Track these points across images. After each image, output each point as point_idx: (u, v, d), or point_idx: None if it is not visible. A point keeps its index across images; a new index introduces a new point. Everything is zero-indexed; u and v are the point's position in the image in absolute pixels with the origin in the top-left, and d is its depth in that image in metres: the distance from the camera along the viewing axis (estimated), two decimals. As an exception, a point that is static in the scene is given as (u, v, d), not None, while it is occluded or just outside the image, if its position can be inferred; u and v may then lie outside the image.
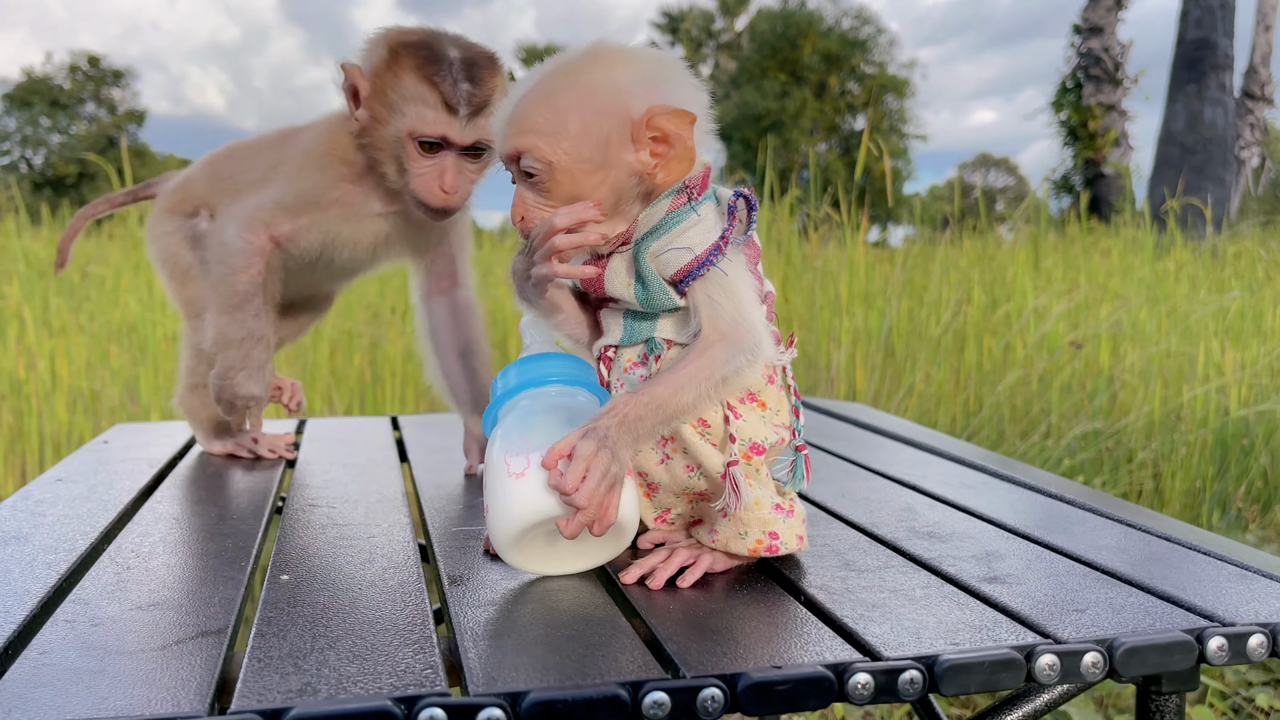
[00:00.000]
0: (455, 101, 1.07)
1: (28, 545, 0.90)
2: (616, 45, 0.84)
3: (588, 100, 0.81)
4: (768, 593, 0.81)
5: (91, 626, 0.71)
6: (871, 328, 3.79)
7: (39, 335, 3.64)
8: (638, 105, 0.81)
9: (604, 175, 0.82)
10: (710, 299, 0.81)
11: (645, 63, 0.84)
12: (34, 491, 1.09)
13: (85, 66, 34.33)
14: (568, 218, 0.82)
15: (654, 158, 0.82)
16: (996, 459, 1.34)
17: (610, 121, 0.81)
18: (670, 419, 0.80)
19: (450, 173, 1.10)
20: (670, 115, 0.80)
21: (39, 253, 4.89)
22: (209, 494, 1.11)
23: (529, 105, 0.82)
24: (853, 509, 1.07)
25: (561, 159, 0.81)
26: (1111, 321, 3.82)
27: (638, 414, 0.78)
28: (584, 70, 0.82)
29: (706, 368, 0.79)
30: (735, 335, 0.80)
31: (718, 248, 0.81)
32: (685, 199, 0.83)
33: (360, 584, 0.81)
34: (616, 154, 0.82)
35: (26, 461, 3.21)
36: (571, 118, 0.81)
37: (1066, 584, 0.82)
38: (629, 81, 0.82)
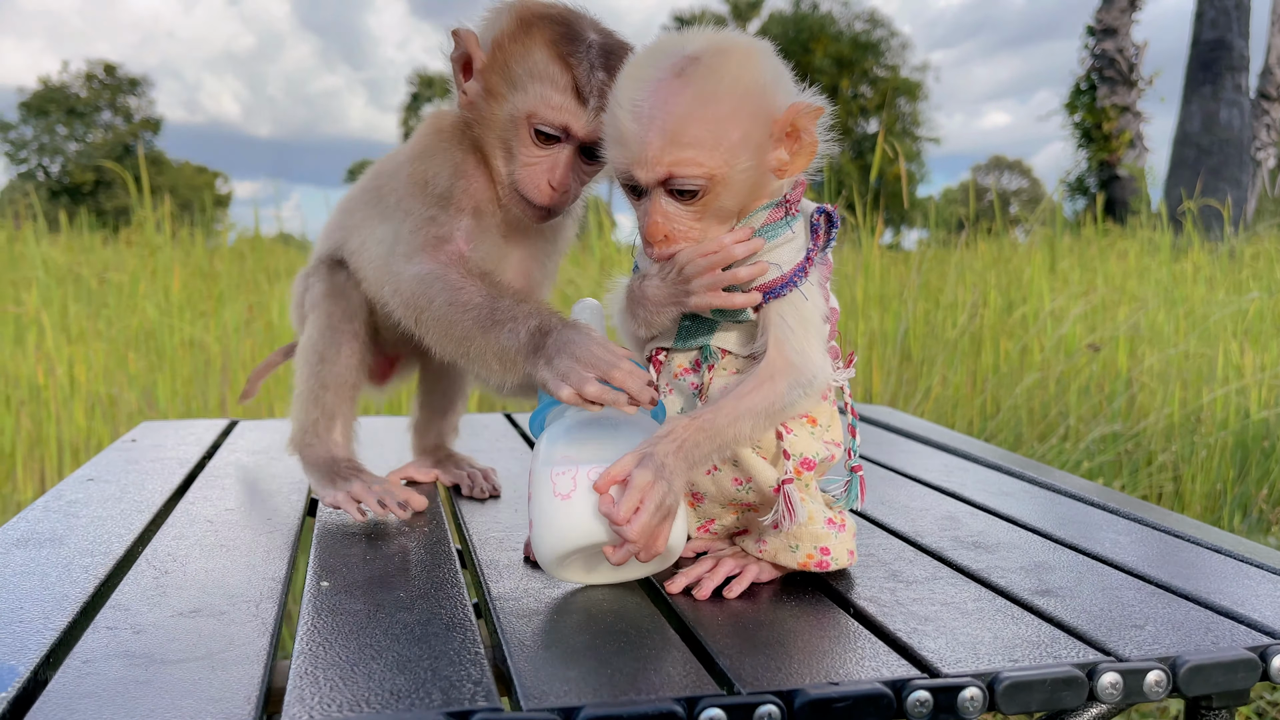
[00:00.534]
0: (587, 90, 0.93)
1: (63, 548, 0.89)
2: (734, 37, 0.79)
3: (743, 105, 0.76)
4: (816, 604, 0.79)
5: (133, 634, 0.70)
6: (888, 330, 3.77)
7: (58, 341, 3.65)
8: (781, 103, 0.78)
9: (752, 179, 0.79)
10: (783, 321, 0.79)
11: (770, 56, 0.80)
12: (66, 491, 1.09)
13: (102, 75, 34.52)
14: (744, 248, 0.78)
15: (789, 153, 0.79)
16: (1032, 465, 1.32)
17: (761, 124, 0.77)
18: (726, 447, 0.78)
19: (562, 169, 0.97)
20: (809, 112, 0.78)
21: (57, 260, 4.91)
22: (241, 495, 1.11)
23: (681, 116, 0.75)
24: (895, 517, 1.05)
25: (723, 170, 0.76)
26: (1129, 324, 3.79)
27: (695, 440, 0.76)
28: (727, 70, 0.76)
29: (767, 400, 0.77)
30: (798, 367, 0.78)
31: (802, 269, 0.79)
32: (783, 213, 0.81)
33: (400, 590, 0.80)
34: (764, 156, 0.78)
35: (45, 467, 3.21)
36: (731, 126, 0.76)
37: (1121, 598, 0.81)
38: (770, 79, 0.78)
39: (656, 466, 0.74)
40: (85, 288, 4.55)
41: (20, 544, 0.89)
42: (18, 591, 0.77)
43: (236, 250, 6.08)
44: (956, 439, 1.50)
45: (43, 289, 4.18)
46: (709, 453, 0.77)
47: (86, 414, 3.35)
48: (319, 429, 1.07)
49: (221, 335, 3.86)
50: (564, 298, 4.09)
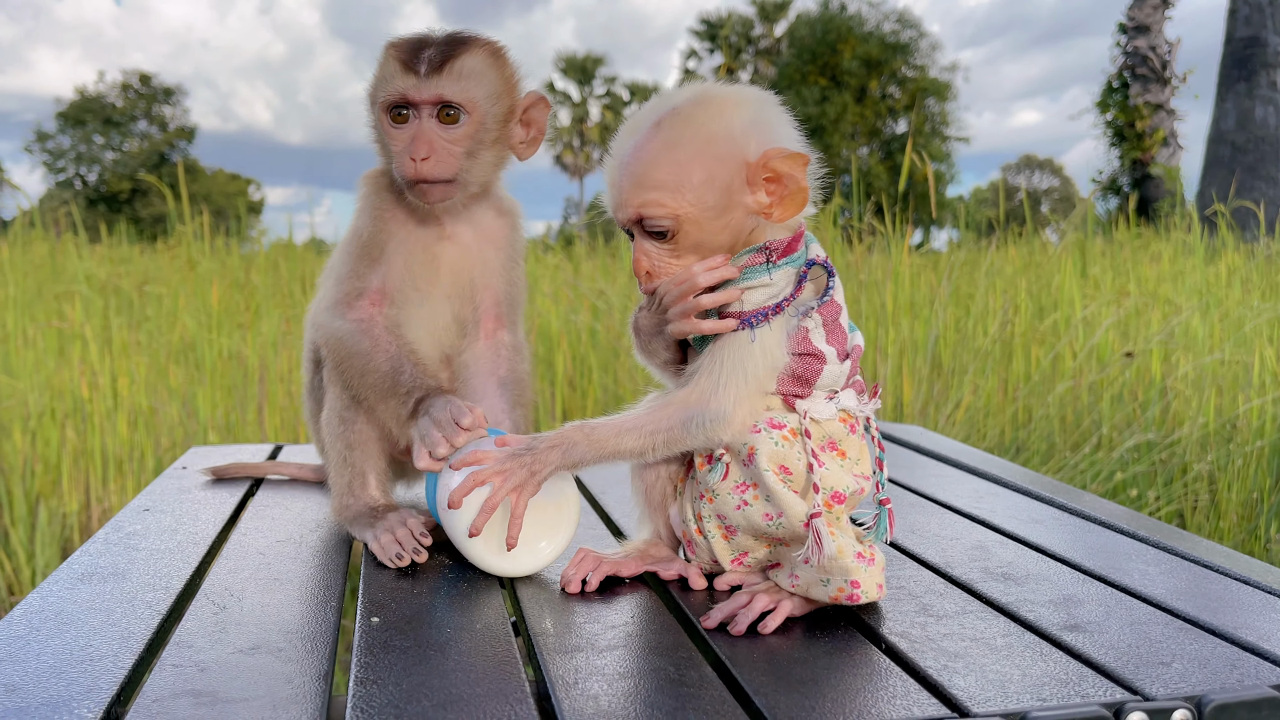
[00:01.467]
0: (414, 61, 1.05)
1: (126, 582, 0.93)
2: (722, 89, 0.86)
3: (707, 149, 0.83)
4: (848, 640, 0.82)
5: (198, 672, 0.74)
6: (918, 338, 3.77)
7: (101, 355, 3.73)
8: (753, 148, 0.83)
9: (727, 219, 0.85)
10: (715, 355, 0.84)
11: (753, 105, 0.86)
12: (124, 523, 1.13)
13: (137, 85, 35.08)
14: (710, 277, 0.85)
15: (769, 196, 0.84)
16: (1062, 489, 1.34)
17: (730, 167, 0.83)
18: (609, 457, 0.87)
19: (421, 141, 1.06)
20: (785, 157, 0.82)
21: (98, 273, 5.01)
22: (290, 526, 1.14)
23: (646, 161, 0.83)
24: (925, 547, 1.07)
25: (688, 210, 0.83)
26: (1164, 331, 3.76)
27: (574, 440, 0.86)
28: (697, 118, 0.84)
29: (656, 421, 0.85)
30: (702, 401, 0.84)
31: (764, 313, 0.83)
32: (763, 259, 0.85)
33: (448, 627, 0.83)
34: (737, 198, 0.84)
35: (90, 478, 3.29)
36: (694, 169, 0.83)
37: (1149, 633, 0.82)
38: (742, 125, 0.84)
39: (523, 453, 0.87)
40: (126, 299, 4.65)
41: (85, 579, 0.93)
42: (86, 628, 0.81)
43: (270, 259, 6.17)
44: (986, 461, 1.52)
45: (85, 302, 4.27)
46: (587, 456, 0.86)
47: (130, 426, 3.42)
48: (354, 489, 1.12)
49: (259, 347, 3.93)
50: (595, 310, 4.13)
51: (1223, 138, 11.51)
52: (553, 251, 6.48)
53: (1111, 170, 15.65)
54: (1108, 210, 14.93)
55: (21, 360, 3.72)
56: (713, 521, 0.89)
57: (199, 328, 3.92)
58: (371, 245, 1.13)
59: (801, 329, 0.85)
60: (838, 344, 0.86)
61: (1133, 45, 14.96)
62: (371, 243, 1.13)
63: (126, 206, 32.84)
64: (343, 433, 1.11)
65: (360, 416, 1.11)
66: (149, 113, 35.15)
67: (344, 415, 1.11)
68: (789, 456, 0.83)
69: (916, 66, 26.76)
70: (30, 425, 3.32)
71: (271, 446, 1.60)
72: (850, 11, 26.97)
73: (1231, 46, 11.52)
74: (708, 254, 0.86)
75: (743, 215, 0.85)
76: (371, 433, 1.12)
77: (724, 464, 0.86)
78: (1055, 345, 3.78)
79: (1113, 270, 4.96)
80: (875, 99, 26.40)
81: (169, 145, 34.96)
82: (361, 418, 1.11)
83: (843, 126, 25.53)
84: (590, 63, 36.71)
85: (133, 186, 33.00)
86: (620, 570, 0.94)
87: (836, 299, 0.87)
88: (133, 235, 7.86)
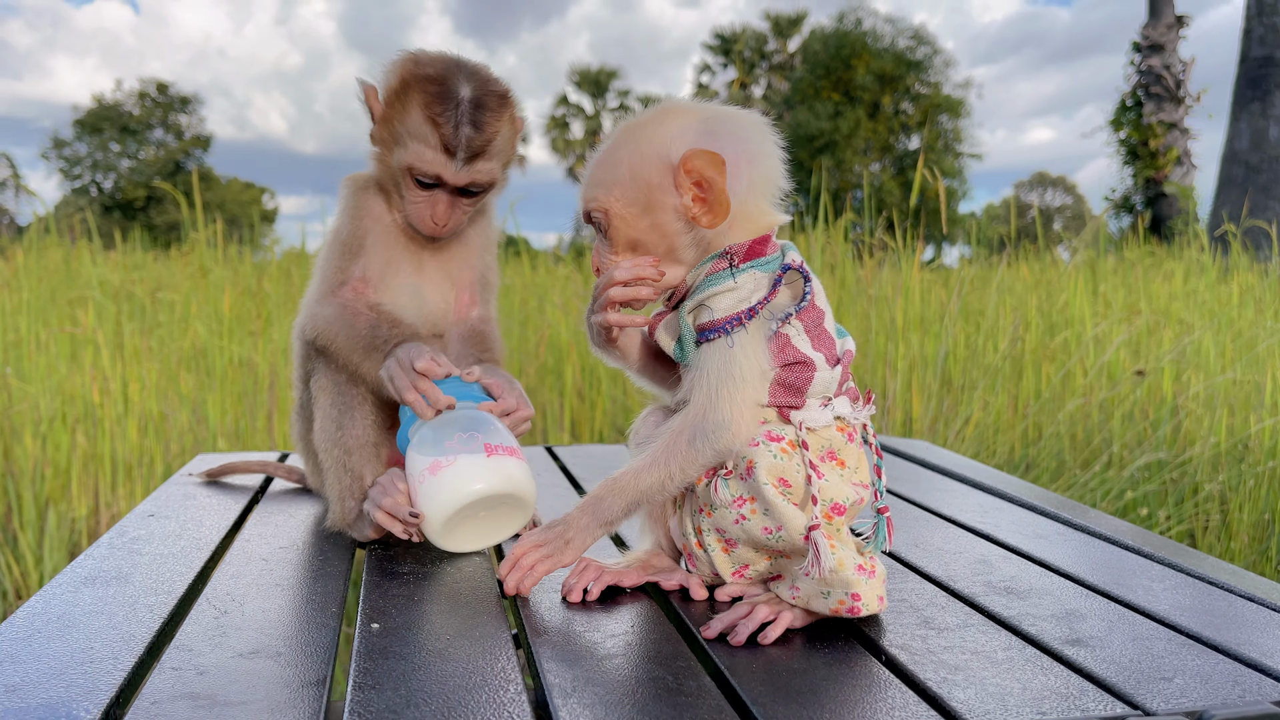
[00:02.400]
0: (455, 145, 1.10)
1: (129, 586, 0.93)
2: (685, 101, 0.89)
3: (636, 149, 0.87)
4: (849, 652, 0.81)
5: (197, 675, 0.74)
6: (928, 354, 3.76)
7: (113, 360, 3.75)
8: (677, 150, 0.85)
9: (651, 220, 0.87)
10: (703, 367, 0.84)
11: (703, 114, 0.87)
12: (129, 528, 1.14)
13: (154, 93, 35.36)
14: (625, 272, 0.88)
15: (696, 203, 0.85)
16: (1067, 505, 1.33)
17: (653, 165, 0.86)
18: (637, 502, 0.87)
19: (441, 208, 1.15)
20: (702, 157, 0.84)
21: (111, 279, 5.04)
22: (293, 533, 1.15)
23: (596, 162, 0.89)
24: (928, 560, 1.07)
25: (614, 206, 0.87)
26: (1176, 349, 3.75)
27: (600, 496, 0.87)
28: (643, 123, 0.88)
29: (666, 450, 0.85)
30: (700, 415, 0.84)
31: (738, 318, 0.83)
32: (726, 263, 0.86)
33: (447, 634, 0.83)
34: (660, 197, 0.86)
35: (99, 483, 3.31)
36: (622, 165, 0.87)
37: (1151, 648, 0.82)
38: (678, 129, 0.86)
39: (556, 524, 0.89)
40: (138, 305, 4.67)
41: (88, 582, 0.94)
42: (88, 630, 0.81)
43: (283, 267, 6.20)
44: (993, 476, 1.51)
45: (98, 308, 4.30)
46: (618, 509, 0.87)
47: (140, 432, 3.44)
48: (353, 492, 1.12)
49: (270, 354, 3.95)
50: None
51: (1236, 157, 11.47)
52: (564, 263, 6.50)
53: (1125, 189, 15.61)
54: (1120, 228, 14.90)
55: (33, 365, 3.75)
56: (712, 535, 0.89)
57: (210, 334, 3.94)
58: (352, 242, 1.19)
59: (782, 335, 0.84)
60: (825, 349, 0.86)
61: (1147, 64, 14.94)
62: (352, 240, 1.19)
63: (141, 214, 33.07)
64: (339, 438, 1.13)
65: (356, 420, 1.13)
66: (165, 121, 35.42)
67: (339, 420, 1.13)
68: (788, 469, 0.83)
69: (930, 83, 26.78)
70: (41, 430, 3.34)
71: (277, 454, 1.60)
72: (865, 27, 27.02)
73: (1246, 66, 11.49)
74: (645, 254, 0.89)
75: (672, 218, 0.86)
76: (366, 436, 1.14)
77: (721, 478, 0.86)
78: (1066, 363, 3.77)
79: (1124, 288, 4.95)
80: (888, 115, 26.41)
81: (184, 153, 35.21)
82: (358, 420, 1.13)
83: (855, 142, 25.54)
84: (604, 76, 36.85)
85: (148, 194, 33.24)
86: (621, 580, 0.94)
87: (817, 303, 0.86)
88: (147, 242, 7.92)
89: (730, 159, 0.85)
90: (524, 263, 6.29)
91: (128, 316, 4.50)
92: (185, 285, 4.78)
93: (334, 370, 1.15)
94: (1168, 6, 14.89)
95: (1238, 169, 11.44)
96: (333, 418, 1.13)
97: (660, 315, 0.92)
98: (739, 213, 0.86)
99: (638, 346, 0.95)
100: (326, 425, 1.13)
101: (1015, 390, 3.74)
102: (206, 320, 4.16)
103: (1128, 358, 3.81)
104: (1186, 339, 3.83)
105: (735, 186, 0.85)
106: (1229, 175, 11.52)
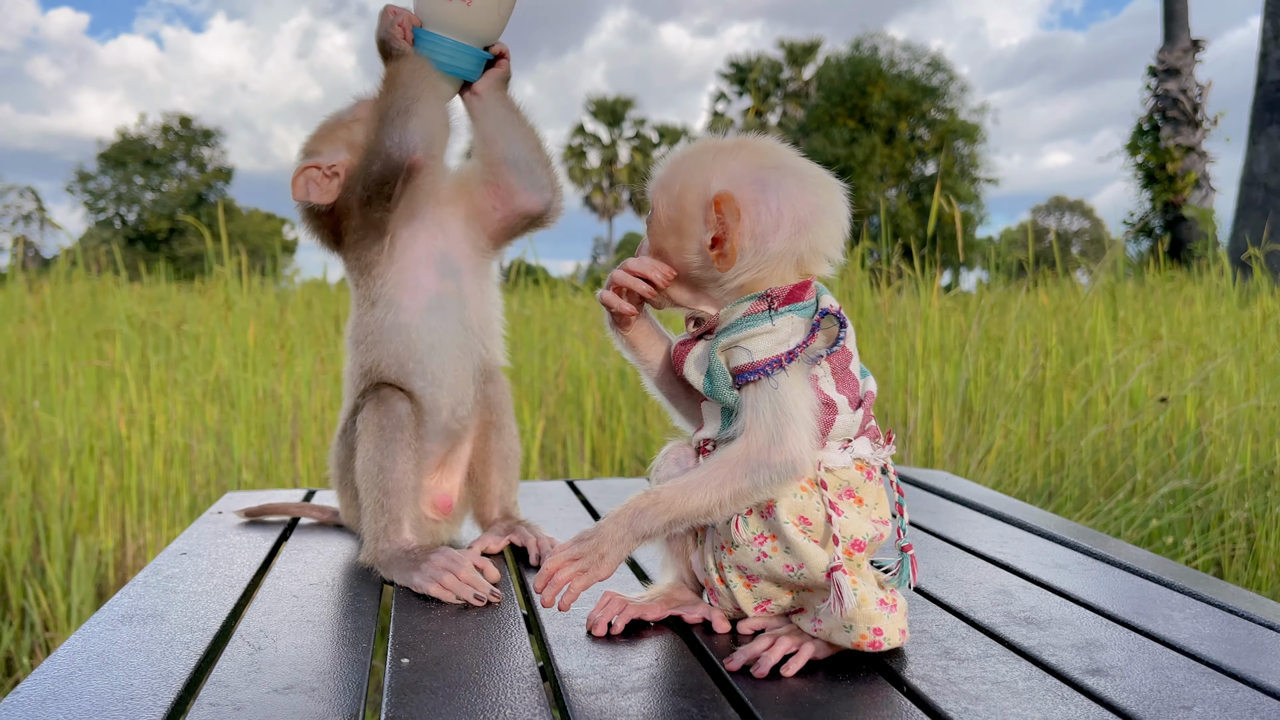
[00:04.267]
0: None
1: (164, 624, 0.96)
2: (764, 144, 0.90)
3: (694, 169, 0.88)
4: (870, 682, 0.82)
5: (234, 711, 0.76)
6: (949, 382, 3.76)
7: (139, 393, 3.80)
8: (718, 187, 0.86)
9: (677, 240, 0.89)
10: (755, 407, 0.85)
11: (769, 162, 0.88)
12: (163, 566, 1.16)
13: (177, 127, 35.92)
14: (636, 264, 0.91)
15: (714, 243, 0.87)
16: (1087, 534, 1.34)
17: (695, 193, 0.88)
18: (679, 521, 0.87)
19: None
20: (730, 203, 0.85)
21: (137, 311, 5.11)
22: (322, 569, 1.17)
23: (674, 160, 0.92)
24: (948, 591, 1.08)
25: (658, 209, 0.90)
26: (1198, 376, 3.73)
27: (639, 507, 0.86)
28: (716, 148, 0.89)
29: (720, 476, 0.85)
30: (764, 451, 0.84)
31: (778, 360, 0.84)
32: (765, 306, 0.87)
33: (476, 669, 0.85)
34: (688, 225, 0.88)
35: (126, 515, 3.34)
36: (678, 179, 0.89)
37: (1171, 678, 0.83)
38: (735, 168, 0.87)
39: (589, 536, 0.87)
40: (163, 338, 4.74)
41: (125, 620, 0.96)
42: (127, 668, 0.83)
43: (304, 297, 6.27)
44: (1012, 506, 1.52)
45: (125, 341, 4.36)
46: (657, 523, 0.86)
47: (165, 464, 3.48)
48: (389, 533, 1.14)
49: (292, 386, 3.99)
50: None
51: (1255, 181, 11.43)
52: (581, 293, 6.54)
53: (1143, 213, 15.56)
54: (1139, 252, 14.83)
55: (61, 398, 3.80)
56: (734, 571, 0.90)
57: (235, 367, 3.99)
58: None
59: (811, 376, 0.86)
60: (849, 391, 0.87)
61: (1163, 88, 14.94)
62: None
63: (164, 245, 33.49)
64: (380, 480, 1.14)
65: (398, 463, 1.14)
66: (188, 154, 35.94)
67: (381, 463, 1.14)
68: (807, 507, 0.85)
69: (946, 109, 26.84)
70: (69, 462, 3.38)
71: (304, 492, 1.63)
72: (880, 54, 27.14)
73: (1263, 89, 11.48)
74: (666, 263, 0.91)
75: (694, 246, 0.88)
76: (407, 480, 1.15)
77: (742, 516, 0.87)
78: (1088, 390, 3.76)
79: (1145, 313, 4.93)
80: (904, 141, 26.47)
81: (206, 185, 35.69)
82: (399, 464, 1.15)
83: (871, 168, 25.60)
84: (620, 105, 37.13)
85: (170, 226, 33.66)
86: (645, 614, 0.96)
87: (847, 347, 0.88)
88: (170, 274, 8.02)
89: (770, 212, 0.85)
90: (543, 292, 6.33)
91: (153, 349, 4.56)
92: (210, 318, 4.84)
93: (380, 413, 1.16)
94: (1183, 31, 14.90)
95: (1257, 192, 11.40)
96: (375, 459, 1.15)
97: (686, 344, 0.93)
98: (777, 265, 0.87)
99: (661, 356, 0.97)
100: (368, 465, 1.15)
101: (1037, 418, 3.73)
102: (231, 353, 4.21)
103: (1150, 384, 3.79)
104: (1210, 365, 3.81)
105: (771, 242, 0.86)
106: (1248, 198, 11.48)
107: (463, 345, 1.22)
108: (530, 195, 1.21)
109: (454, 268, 1.21)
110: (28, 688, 0.79)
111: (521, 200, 1.21)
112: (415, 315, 1.19)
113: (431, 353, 1.20)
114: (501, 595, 1.06)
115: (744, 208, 0.85)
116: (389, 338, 1.20)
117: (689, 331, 0.94)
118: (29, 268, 7.93)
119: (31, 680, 0.80)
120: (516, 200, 1.21)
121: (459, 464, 1.29)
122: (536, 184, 1.21)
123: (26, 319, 5.29)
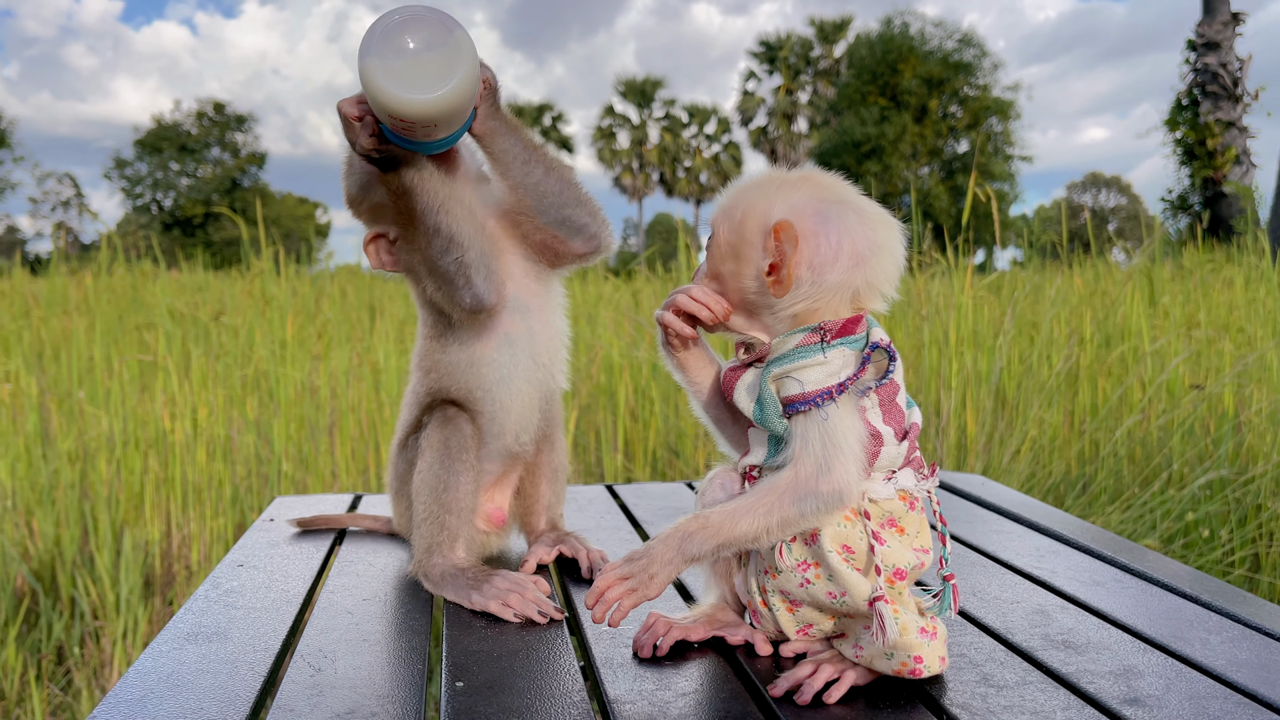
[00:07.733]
0: None
1: (228, 643, 1.00)
2: (828, 179, 0.92)
3: (757, 198, 0.91)
4: (911, 710, 0.85)
5: (299, 736, 0.79)
6: (982, 370, 3.74)
7: (181, 385, 3.88)
8: (779, 216, 0.89)
9: (735, 266, 0.91)
10: (805, 436, 0.87)
11: (831, 196, 0.90)
12: (221, 579, 1.20)
13: (211, 113, 36.26)
14: (700, 294, 0.94)
15: (771, 270, 0.89)
16: (1125, 547, 1.35)
17: (756, 220, 0.90)
18: (727, 545, 0.89)
19: None
20: (789, 231, 0.87)
21: (176, 302, 5.20)
22: (373, 584, 1.21)
23: (739, 188, 0.94)
24: (986, 611, 1.10)
25: (720, 235, 0.93)
26: (1238, 365, 3.69)
27: (689, 530, 0.89)
28: (780, 180, 0.92)
29: (768, 503, 0.87)
30: (812, 480, 0.86)
31: (829, 392, 0.86)
32: (818, 338, 0.88)
33: (529, 694, 0.88)
34: (747, 252, 0.90)
35: (170, 506, 3.42)
36: (741, 206, 0.92)
37: (1208, 708, 0.84)
38: (797, 199, 0.90)
39: (639, 557, 0.89)
40: (202, 329, 4.82)
41: (191, 639, 1.00)
42: (196, 690, 0.87)
43: (339, 285, 6.35)
44: (1048, 515, 1.53)
45: (165, 333, 4.44)
46: (706, 548, 0.88)
47: (208, 456, 3.55)
48: (442, 549, 1.17)
49: (330, 379, 4.05)
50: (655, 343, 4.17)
51: (1298, 156, 11.22)
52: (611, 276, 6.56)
53: (1182, 189, 15.33)
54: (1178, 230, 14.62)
55: (105, 390, 3.88)
56: (777, 596, 0.93)
57: (273, 360, 4.05)
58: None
59: (859, 408, 0.88)
60: (895, 423, 0.89)
61: (1203, 62, 14.68)
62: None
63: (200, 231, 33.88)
64: (441, 497, 1.17)
65: (460, 483, 1.18)
66: (222, 139, 36.27)
67: (445, 480, 1.17)
68: (851, 536, 0.87)
69: (979, 86, 26.51)
70: (115, 454, 3.46)
71: (350, 498, 1.67)
72: (912, 31, 26.82)
73: (1306, 63, 11.24)
74: (723, 291, 0.94)
75: (750, 273, 0.90)
76: (468, 501, 1.19)
77: (785, 543, 0.90)
78: (1124, 378, 3.73)
79: (1182, 298, 4.87)
80: (936, 118, 26.19)
81: (240, 170, 36.02)
82: (462, 484, 1.18)
83: (902, 147, 25.36)
84: (649, 85, 36.98)
85: (206, 211, 34.03)
86: (689, 635, 0.99)
87: (895, 379, 0.90)
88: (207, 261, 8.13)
89: (830, 245, 0.87)
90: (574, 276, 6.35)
91: (193, 341, 4.65)
92: (248, 310, 4.92)
93: (446, 432, 1.19)
94: (1223, 4, 14.62)
95: (1299, 168, 11.19)
96: (438, 475, 1.18)
97: (736, 371, 0.95)
98: (832, 298, 0.89)
99: (710, 380, 0.99)
100: (430, 480, 1.18)
101: (1071, 406, 3.71)
102: (269, 345, 4.28)
103: (1187, 372, 3.76)
104: (1250, 354, 3.77)
105: (828, 274, 0.88)
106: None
107: (531, 378, 1.25)
108: (581, 244, 1.23)
109: (522, 306, 1.23)
110: (103, 713, 0.83)
111: (574, 248, 1.24)
112: (486, 352, 1.22)
113: (500, 384, 1.23)
114: (564, 612, 1.09)
115: (803, 238, 0.87)
116: (459, 371, 1.23)
117: (739, 358, 0.96)
118: (70, 255, 8.09)
119: (106, 704, 0.84)
120: (569, 249, 1.24)
121: (512, 480, 1.32)
122: (584, 234, 1.23)
123: (70, 310, 5.40)
